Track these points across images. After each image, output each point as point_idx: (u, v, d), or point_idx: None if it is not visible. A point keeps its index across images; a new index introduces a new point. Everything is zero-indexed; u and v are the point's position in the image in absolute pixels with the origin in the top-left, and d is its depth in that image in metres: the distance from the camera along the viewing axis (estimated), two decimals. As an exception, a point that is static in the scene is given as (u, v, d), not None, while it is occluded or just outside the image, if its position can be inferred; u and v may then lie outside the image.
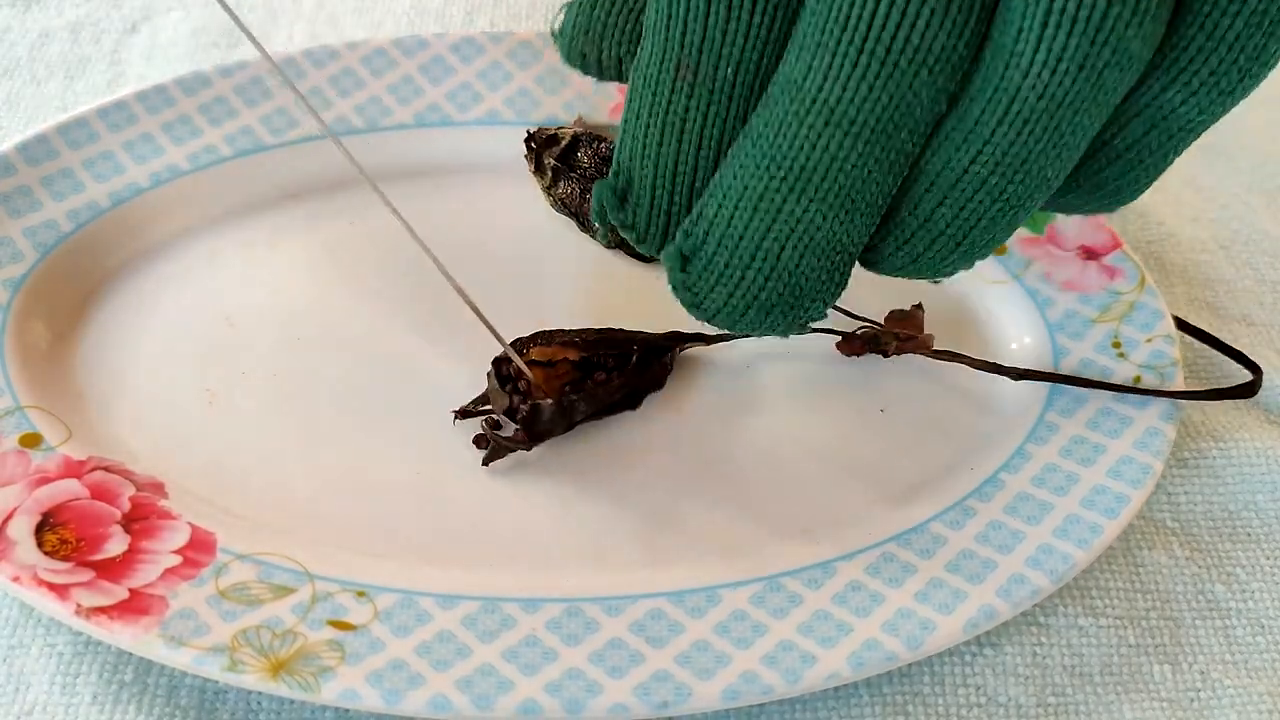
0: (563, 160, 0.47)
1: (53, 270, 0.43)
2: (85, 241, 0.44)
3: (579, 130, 0.47)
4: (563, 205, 0.47)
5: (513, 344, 0.40)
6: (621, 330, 0.42)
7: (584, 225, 0.47)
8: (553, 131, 0.47)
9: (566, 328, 0.41)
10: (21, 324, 0.41)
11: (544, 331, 0.41)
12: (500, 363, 0.40)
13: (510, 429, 0.39)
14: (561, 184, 0.47)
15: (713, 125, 0.32)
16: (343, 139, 0.48)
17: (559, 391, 0.40)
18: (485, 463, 0.40)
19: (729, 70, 0.31)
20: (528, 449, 0.40)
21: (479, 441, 0.40)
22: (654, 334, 0.41)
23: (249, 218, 0.46)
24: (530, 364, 0.40)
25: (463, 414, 0.40)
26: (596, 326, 0.42)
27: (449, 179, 0.47)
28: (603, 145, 0.47)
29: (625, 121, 0.33)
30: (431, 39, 0.50)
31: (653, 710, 0.33)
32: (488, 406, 0.40)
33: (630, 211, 0.33)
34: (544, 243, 0.47)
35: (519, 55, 0.50)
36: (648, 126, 0.32)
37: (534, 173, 0.48)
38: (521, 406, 0.39)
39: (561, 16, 0.36)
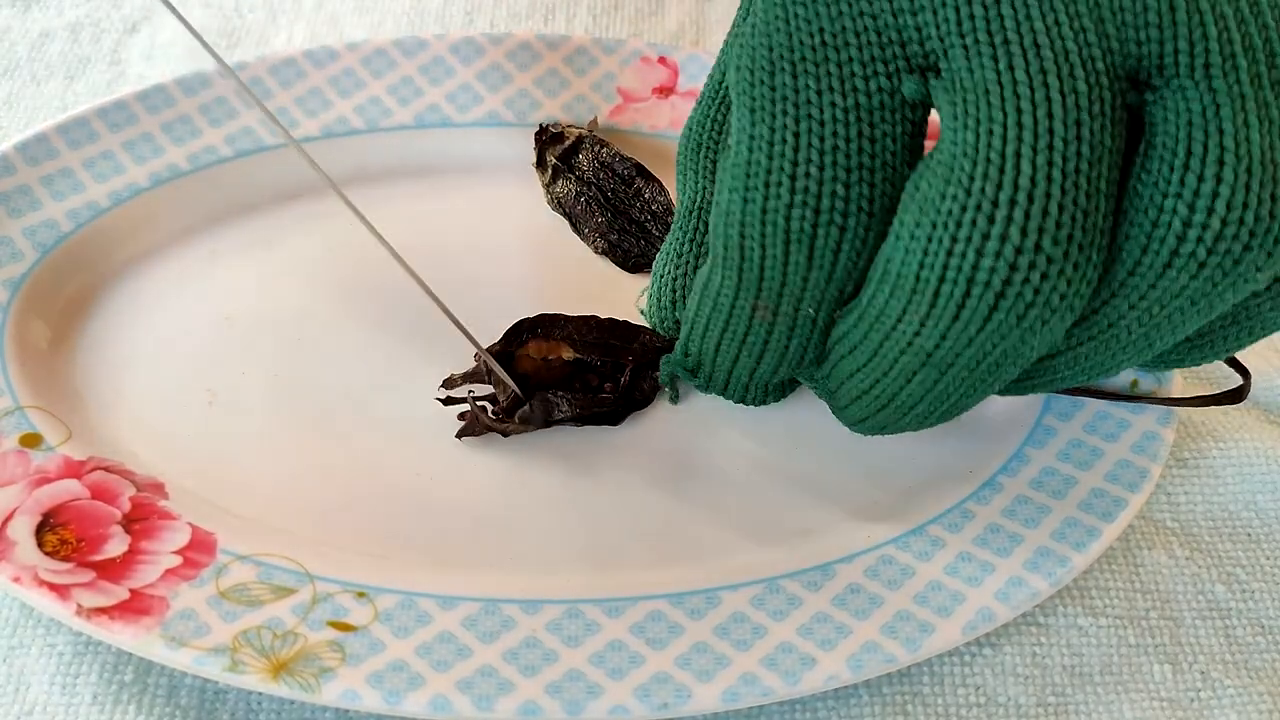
0: (563, 160, 0.47)
1: (53, 270, 0.43)
2: (85, 241, 0.44)
3: (584, 133, 0.47)
4: (559, 204, 0.47)
5: (516, 326, 0.41)
6: (625, 325, 0.42)
7: (577, 226, 0.47)
8: (561, 129, 0.48)
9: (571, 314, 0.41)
10: (21, 324, 0.41)
11: (547, 317, 0.41)
12: (495, 353, 0.41)
13: (490, 411, 0.40)
14: (560, 182, 0.47)
15: (795, 348, 0.35)
16: (342, 139, 0.48)
17: (543, 389, 0.40)
18: (459, 435, 0.40)
19: (810, 309, 0.34)
20: (504, 435, 0.40)
21: (463, 415, 0.40)
22: (653, 340, 0.41)
23: (249, 218, 0.46)
24: (525, 359, 0.41)
25: (448, 397, 0.41)
26: (603, 316, 0.42)
27: (448, 180, 0.47)
28: (604, 150, 0.47)
29: (694, 319, 0.37)
30: (431, 40, 0.50)
31: (653, 712, 0.33)
32: (474, 386, 0.41)
33: (704, 383, 0.39)
34: (540, 243, 0.47)
35: (518, 56, 0.50)
36: (722, 344, 0.36)
37: (536, 167, 0.48)
38: (501, 397, 0.40)
39: (644, 300, 0.42)
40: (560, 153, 0.47)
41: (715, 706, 0.33)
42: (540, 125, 0.48)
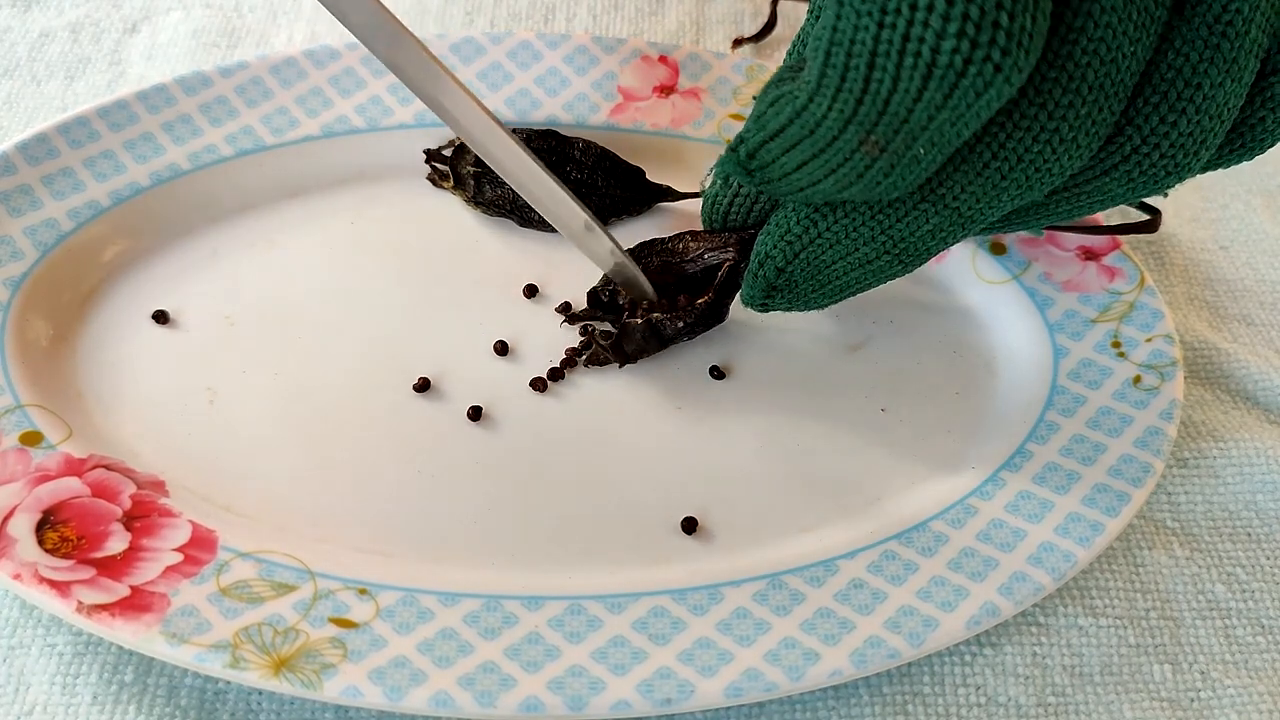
0: (480, 164, 0.46)
1: (53, 269, 0.43)
2: (85, 241, 0.44)
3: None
4: (496, 208, 0.47)
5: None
6: (711, 230, 0.42)
7: (525, 218, 0.47)
8: (458, 141, 0.47)
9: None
10: (22, 322, 0.41)
11: (645, 245, 0.43)
12: (597, 291, 0.42)
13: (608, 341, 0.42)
14: (488, 188, 0.46)
15: (888, 185, 0.34)
16: (342, 139, 0.48)
17: (645, 316, 0.41)
18: (587, 363, 0.42)
19: (922, 149, 0.32)
20: (620, 364, 0.42)
21: (537, 384, 0.42)
22: (742, 230, 0.41)
23: (249, 218, 0.46)
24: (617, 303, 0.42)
25: (571, 317, 0.43)
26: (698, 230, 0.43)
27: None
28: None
29: (777, 136, 0.34)
30: (432, 39, 0.50)
31: (655, 707, 0.33)
32: (594, 319, 0.43)
33: (759, 184, 0.36)
34: (541, 238, 0.47)
35: (519, 55, 0.50)
36: (807, 166, 0.34)
37: (453, 188, 0.47)
38: (615, 325, 0.42)
39: (709, 180, 0.41)
40: (474, 159, 0.46)
41: (718, 702, 0.33)
42: (426, 152, 0.48)
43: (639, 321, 0.41)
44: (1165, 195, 0.37)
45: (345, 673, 0.33)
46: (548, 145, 0.46)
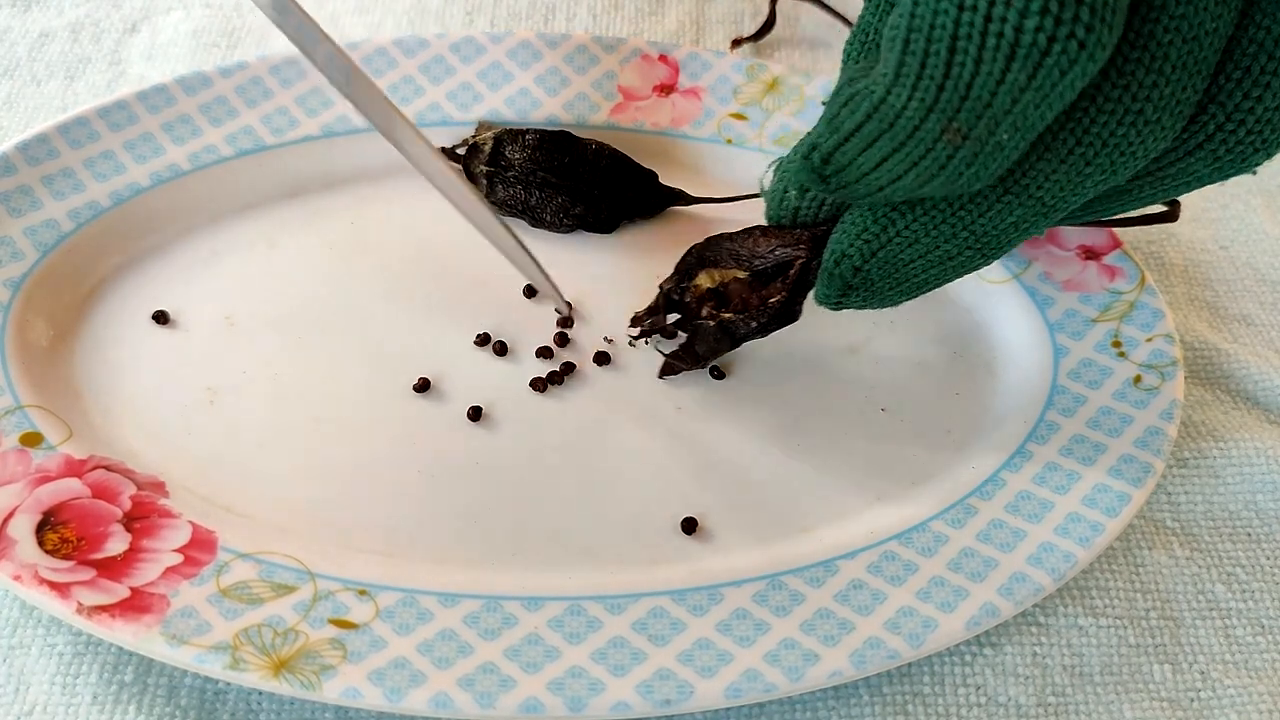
0: (493, 164, 0.46)
1: (53, 270, 0.43)
2: (85, 241, 0.44)
3: (490, 133, 0.47)
4: (508, 207, 0.47)
5: (685, 258, 0.41)
6: (780, 227, 0.41)
7: (536, 218, 0.47)
8: (471, 141, 0.47)
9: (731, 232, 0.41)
10: (22, 323, 0.41)
11: (712, 240, 0.41)
12: (669, 291, 0.41)
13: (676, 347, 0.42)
14: (500, 189, 0.46)
15: (970, 176, 0.33)
16: (343, 138, 0.48)
17: (716, 316, 0.41)
18: (660, 375, 0.42)
19: (1006, 135, 0.32)
20: (700, 368, 0.42)
21: (537, 384, 0.42)
22: (813, 225, 0.40)
23: (249, 218, 0.46)
24: (696, 289, 0.41)
25: (641, 332, 0.42)
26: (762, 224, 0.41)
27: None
28: (527, 137, 0.46)
29: (853, 135, 0.33)
30: (431, 39, 0.50)
31: (655, 708, 0.33)
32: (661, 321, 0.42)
33: (835, 188, 0.35)
34: (543, 236, 0.47)
35: (519, 55, 0.50)
36: (887, 163, 0.33)
37: None
38: (690, 325, 0.41)
39: (769, 178, 0.39)
40: (487, 159, 0.47)
41: (718, 703, 0.33)
42: (440, 150, 0.47)
43: (712, 324, 0.41)
44: (1254, 173, 0.36)
45: (345, 674, 0.33)
46: (560, 147, 0.46)
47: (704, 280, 0.41)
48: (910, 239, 0.36)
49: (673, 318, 0.42)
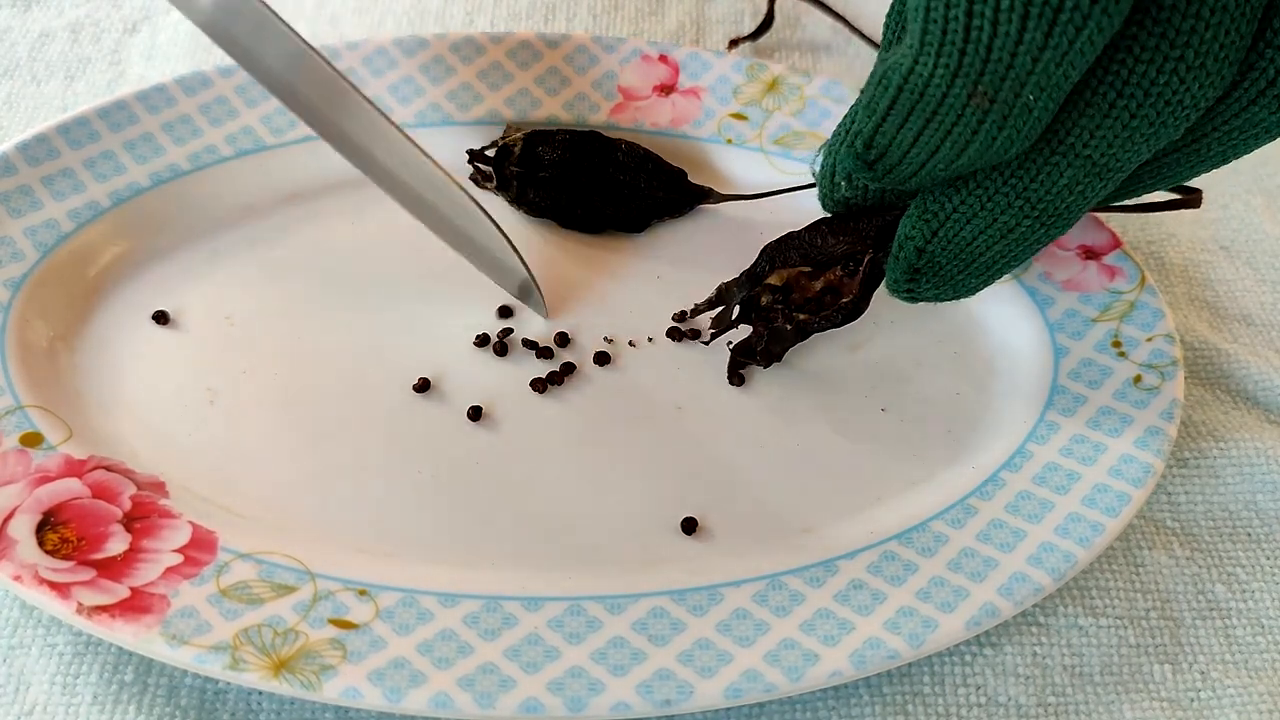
0: (523, 165, 0.46)
1: (53, 270, 0.43)
2: (85, 241, 0.44)
3: (524, 133, 0.47)
4: (539, 209, 0.47)
5: (759, 259, 0.41)
6: (847, 222, 0.41)
7: (566, 221, 0.47)
8: (501, 142, 0.47)
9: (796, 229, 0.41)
10: (22, 323, 0.41)
11: (783, 239, 0.41)
12: (733, 292, 0.42)
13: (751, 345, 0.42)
14: (531, 190, 0.46)
15: (1004, 139, 0.33)
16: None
17: (793, 318, 0.41)
18: (729, 374, 0.42)
19: (1031, 95, 0.32)
20: (766, 366, 0.42)
21: (537, 384, 0.42)
22: (881, 222, 0.41)
23: (249, 218, 0.46)
24: (768, 288, 0.42)
25: (714, 334, 0.43)
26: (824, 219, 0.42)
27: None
28: (558, 138, 0.46)
29: (888, 112, 0.33)
30: (431, 39, 0.50)
31: (655, 708, 0.33)
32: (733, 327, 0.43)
33: (883, 175, 0.35)
34: (543, 235, 0.47)
35: (519, 55, 0.50)
36: (923, 136, 0.33)
37: (495, 190, 0.47)
38: (762, 329, 0.42)
39: (820, 159, 0.39)
40: (517, 160, 0.47)
41: (718, 703, 0.33)
42: (469, 152, 0.48)
43: (789, 327, 0.41)
44: None
45: (345, 674, 0.33)
46: (591, 148, 0.46)
47: (774, 280, 0.41)
48: (968, 214, 0.36)
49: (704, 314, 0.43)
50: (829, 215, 0.41)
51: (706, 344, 0.43)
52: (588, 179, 0.46)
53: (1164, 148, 0.36)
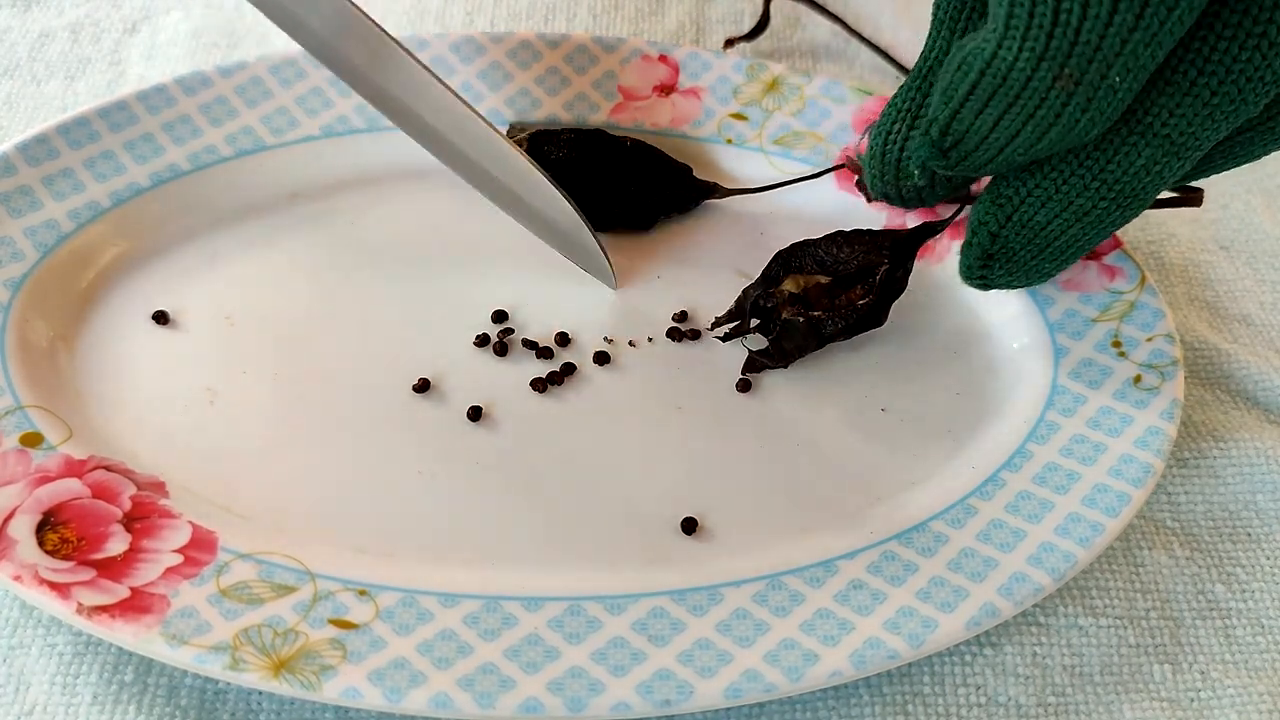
0: (541, 160, 0.46)
1: (53, 270, 0.43)
2: (85, 241, 0.44)
3: (529, 133, 0.47)
4: None
5: (771, 263, 0.42)
6: (867, 231, 0.42)
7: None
8: (517, 137, 0.47)
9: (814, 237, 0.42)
10: (22, 323, 0.41)
11: (797, 246, 0.42)
12: (747, 296, 0.42)
13: (763, 346, 0.42)
14: None
15: (1086, 123, 0.33)
16: (344, 138, 0.48)
17: (805, 314, 0.41)
18: (743, 372, 0.42)
19: (1117, 78, 0.32)
20: (783, 366, 0.42)
21: (537, 384, 0.42)
22: (895, 231, 0.41)
23: (249, 218, 0.46)
24: (781, 293, 0.42)
25: (727, 334, 0.43)
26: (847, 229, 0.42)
27: (451, 177, 0.47)
28: (563, 137, 0.46)
29: (966, 97, 0.33)
30: (431, 39, 0.50)
31: (655, 708, 0.33)
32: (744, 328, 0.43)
33: (958, 161, 0.35)
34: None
35: (519, 55, 0.50)
36: (1004, 120, 0.33)
37: None
38: (774, 326, 0.42)
39: (865, 141, 0.39)
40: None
41: (718, 703, 0.33)
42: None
43: (800, 320, 0.41)
44: None
45: (345, 674, 0.33)
46: (597, 146, 0.46)
47: (789, 285, 0.41)
48: (1043, 197, 0.36)
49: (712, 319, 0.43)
50: (844, 229, 0.41)
51: (723, 340, 0.43)
52: (594, 178, 0.46)
53: (1240, 125, 0.35)
